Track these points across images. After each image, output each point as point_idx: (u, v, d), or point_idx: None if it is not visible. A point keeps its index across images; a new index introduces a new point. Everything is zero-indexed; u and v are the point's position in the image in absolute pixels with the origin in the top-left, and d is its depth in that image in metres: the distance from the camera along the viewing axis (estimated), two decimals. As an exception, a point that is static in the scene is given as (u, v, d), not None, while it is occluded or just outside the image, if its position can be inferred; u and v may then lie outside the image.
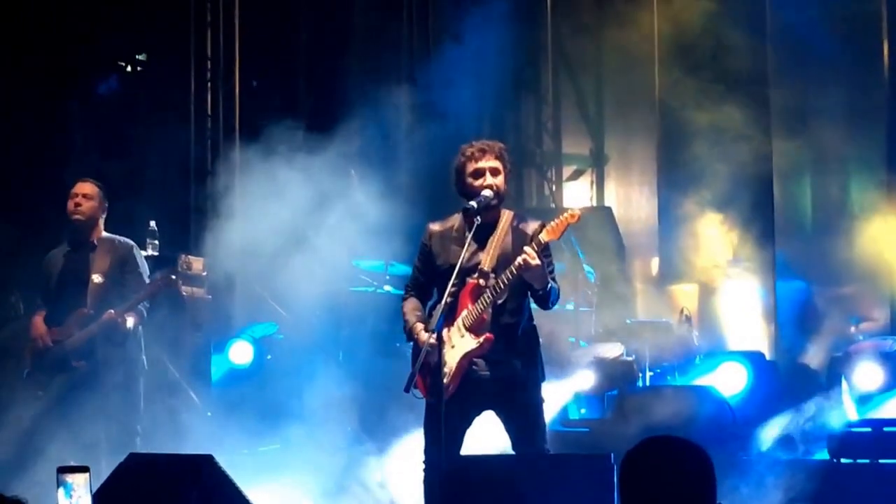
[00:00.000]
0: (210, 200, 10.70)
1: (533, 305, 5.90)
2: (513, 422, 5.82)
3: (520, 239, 5.71)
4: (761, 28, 10.78)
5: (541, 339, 5.98)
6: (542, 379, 5.91)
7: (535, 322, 5.92)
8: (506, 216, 5.85)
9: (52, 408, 7.35)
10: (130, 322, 7.42)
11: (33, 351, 7.50)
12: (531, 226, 5.78)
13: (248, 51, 10.96)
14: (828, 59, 10.33)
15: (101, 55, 10.62)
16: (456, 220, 5.89)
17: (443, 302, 5.60)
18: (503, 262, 5.68)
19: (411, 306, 5.95)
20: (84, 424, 7.21)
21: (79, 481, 4.69)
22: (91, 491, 4.73)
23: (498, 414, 5.86)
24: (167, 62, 10.85)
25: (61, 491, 4.65)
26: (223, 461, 5.48)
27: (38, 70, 9.88)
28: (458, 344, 5.73)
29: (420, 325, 5.81)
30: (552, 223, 5.61)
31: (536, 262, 5.50)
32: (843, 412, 8.36)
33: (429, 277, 5.91)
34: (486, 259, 5.75)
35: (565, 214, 5.62)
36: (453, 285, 5.64)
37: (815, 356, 10.18)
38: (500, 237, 5.78)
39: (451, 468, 5.34)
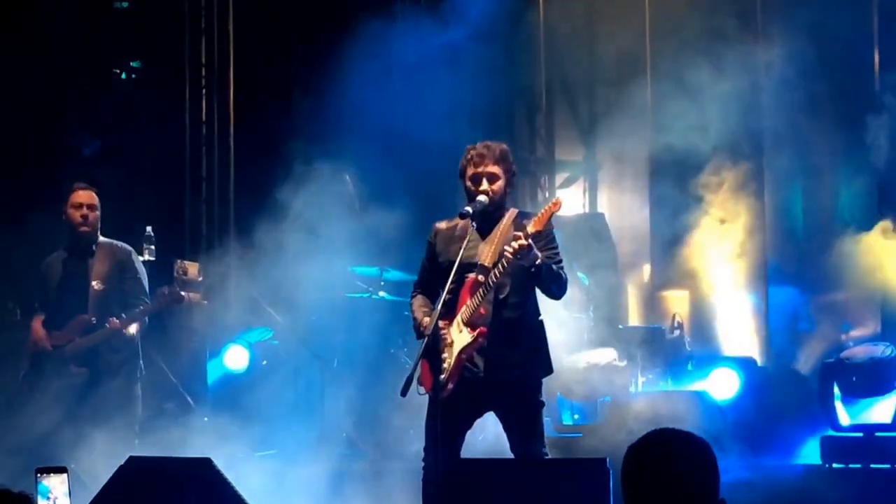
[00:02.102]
0: (205, 206, 10.72)
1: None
2: (512, 424, 5.84)
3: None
4: (753, 37, 10.81)
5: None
6: (548, 373, 5.92)
7: (541, 318, 5.94)
8: (509, 214, 5.89)
9: (50, 412, 7.36)
10: (133, 330, 7.45)
11: (32, 354, 7.52)
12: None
13: (242, 58, 10.97)
14: (819, 67, 10.36)
15: (95, 62, 10.63)
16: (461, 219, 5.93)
17: (440, 299, 5.63)
18: (502, 257, 5.72)
19: (419, 303, 6.02)
20: (83, 429, 7.23)
21: (55, 483, 4.63)
22: (70, 493, 4.67)
23: (498, 415, 5.89)
24: (162, 69, 10.86)
25: (39, 495, 4.56)
26: (219, 465, 5.50)
27: (33, 77, 9.88)
28: (457, 339, 5.77)
29: (427, 320, 5.84)
30: (537, 215, 5.64)
31: (523, 242, 5.50)
32: (835, 418, 8.39)
33: (435, 275, 5.93)
34: (487, 254, 5.78)
35: (548, 204, 5.67)
36: (452, 282, 5.69)
37: (806, 362, 10.19)
38: (502, 233, 5.81)
39: (449, 471, 5.36)
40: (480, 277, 5.74)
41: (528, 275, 5.69)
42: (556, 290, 5.81)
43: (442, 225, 6.00)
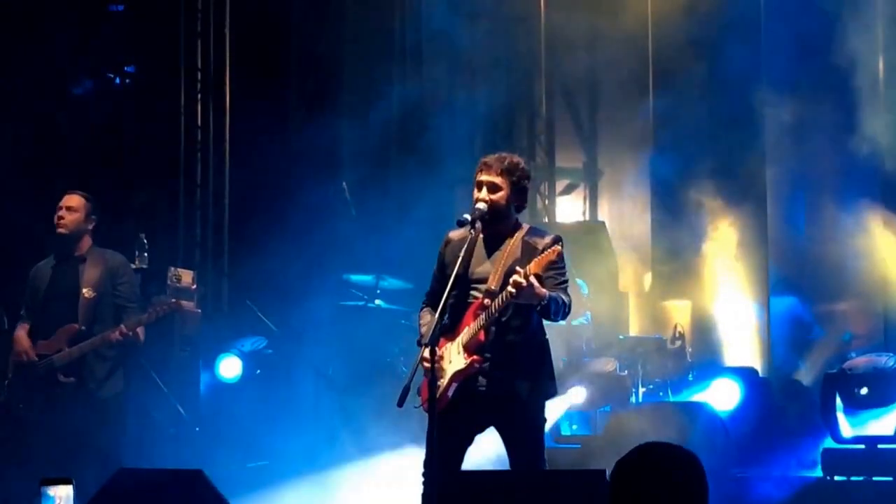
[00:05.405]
0: (200, 212, 10.64)
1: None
2: (512, 440, 5.75)
3: (528, 254, 5.61)
4: (756, 43, 10.77)
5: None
6: (552, 395, 5.83)
7: (546, 337, 5.83)
8: (519, 231, 5.77)
9: (36, 421, 7.27)
10: (142, 334, 7.36)
11: (16, 364, 7.41)
12: (543, 241, 5.68)
13: (238, 61, 10.89)
14: (822, 73, 10.31)
15: (89, 66, 10.55)
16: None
17: (436, 314, 5.53)
18: (508, 279, 5.61)
19: (426, 316, 5.90)
20: (69, 439, 7.13)
21: (62, 493, 4.60)
22: (75, 504, 4.64)
23: (498, 430, 5.80)
24: (157, 73, 10.78)
25: (45, 504, 4.55)
26: (211, 477, 5.42)
27: (26, 81, 9.81)
28: (454, 361, 5.69)
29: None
30: (538, 257, 5.52)
31: (523, 283, 5.41)
32: (837, 429, 8.31)
33: (444, 286, 5.78)
34: (494, 277, 5.68)
35: (548, 251, 5.53)
36: (452, 296, 5.60)
37: (808, 372, 10.16)
38: (510, 252, 5.71)
39: (447, 483, 5.28)
40: (486, 301, 5.66)
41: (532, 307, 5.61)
42: (561, 318, 5.73)
43: (454, 235, 5.87)
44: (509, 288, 5.44)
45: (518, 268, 5.49)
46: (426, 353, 5.45)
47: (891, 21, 10.41)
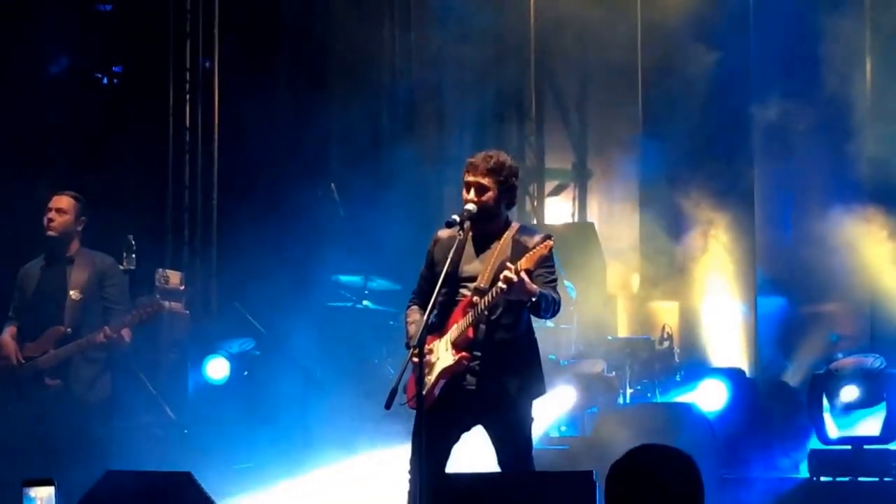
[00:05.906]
0: (188, 213, 10.63)
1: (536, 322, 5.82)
2: (500, 439, 5.73)
3: (519, 253, 5.58)
4: (745, 46, 10.79)
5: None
6: (540, 393, 5.80)
7: (535, 336, 5.82)
8: (510, 230, 5.76)
9: (21, 424, 7.22)
10: (127, 336, 7.31)
11: (1, 367, 7.37)
12: (533, 239, 5.65)
13: (227, 62, 10.88)
14: (810, 77, 10.34)
15: (78, 66, 10.53)
16: None
17: (426, 312, 5.52)
18: (498, 277, 5.60)
19: (412, 315, 5.88)
20: (54, 442, 7.10)
21: (43, 495, 4.59)
22: (57, 505, 4.63)
23: (486, 429, 5.78)
24: (145, 73, 10.76)
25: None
26: (199, 478, 5.42)
27: (16, 80, 9.78)
28: (442, 358, 5.68)
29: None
30: (529, 253, 5.53)
31: (512, 277, 5.43)
32: (823, 430, 8.33)
33: (432, 285, 5.78)
34: (484, 275, 5.67)
35: (539, 246, 5.54)
36: (442, 294, 5.58)
37: (795, 373, 10.18)
38: (500, 251, 5.69)
39: (434, 484, 5.27)
40: (475, 299, 5.64)
41: (523, 304, 5.60)
42: (550, 315, 5.72)
43: (443, 234, 5.85)
44: (500, 283, 5.43)
45: (509, 264, 5.50)
46: (414, 352, 5.45)
47: (878, 25, 10.44)
